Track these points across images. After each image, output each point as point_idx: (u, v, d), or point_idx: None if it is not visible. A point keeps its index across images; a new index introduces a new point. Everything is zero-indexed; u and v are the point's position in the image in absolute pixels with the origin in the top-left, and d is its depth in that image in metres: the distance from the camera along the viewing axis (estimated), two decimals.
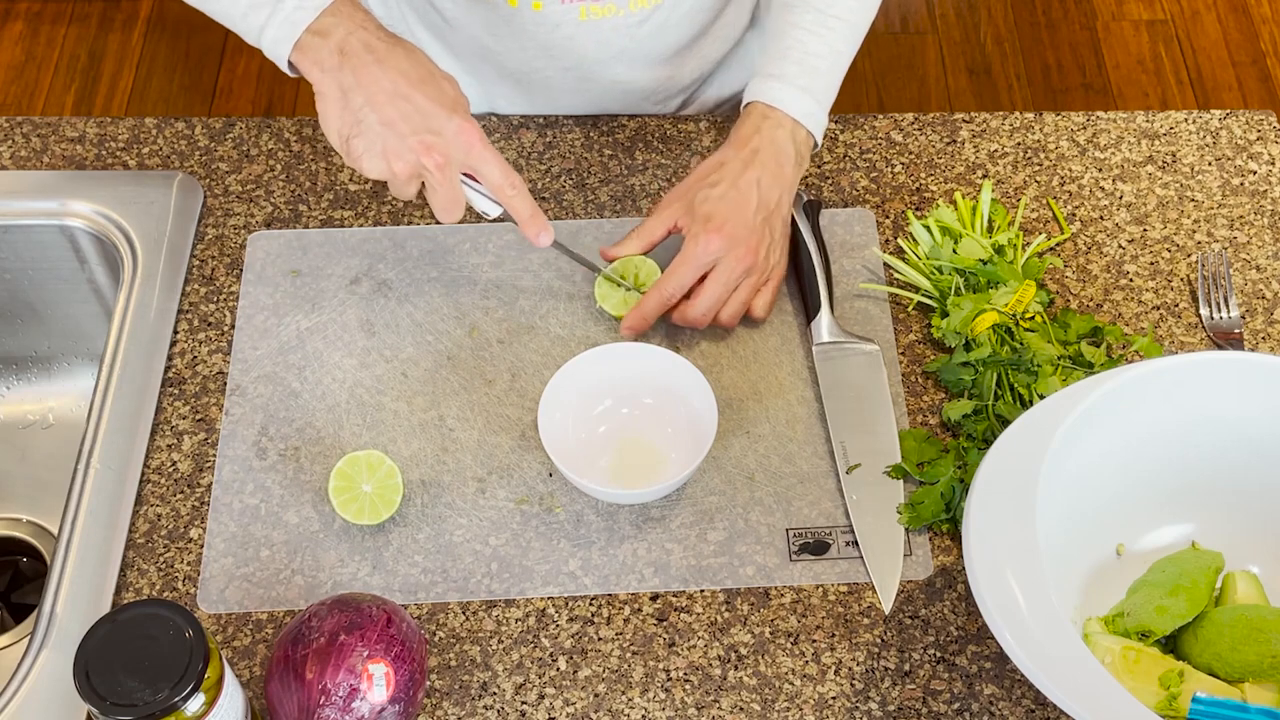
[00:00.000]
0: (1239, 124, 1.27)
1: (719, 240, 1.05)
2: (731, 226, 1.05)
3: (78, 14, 2.65)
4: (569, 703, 0.95)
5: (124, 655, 0.80)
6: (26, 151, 1.22)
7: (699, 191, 1.07)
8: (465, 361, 1.10)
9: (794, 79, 1.10)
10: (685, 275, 1.06)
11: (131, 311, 1.12)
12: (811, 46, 1.11)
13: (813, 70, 1.10)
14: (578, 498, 1.03)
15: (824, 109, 1.12)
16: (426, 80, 0.97)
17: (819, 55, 1.11)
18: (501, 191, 1.01)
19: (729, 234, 1.05)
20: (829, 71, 1.12)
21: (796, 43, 1.11)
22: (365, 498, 1.00)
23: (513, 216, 1.02)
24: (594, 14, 1.15)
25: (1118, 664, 0.90)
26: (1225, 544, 0.97)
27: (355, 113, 0.96)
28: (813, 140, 1.12)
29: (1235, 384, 0.93)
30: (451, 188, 0.99)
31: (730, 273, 1.06)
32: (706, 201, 1.06)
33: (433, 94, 0.97)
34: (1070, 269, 1.17)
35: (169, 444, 1.06)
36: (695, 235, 1.06)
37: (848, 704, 0.95)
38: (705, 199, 1.07)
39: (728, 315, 1.08)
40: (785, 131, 1.09)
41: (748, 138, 1.09)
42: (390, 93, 0.96)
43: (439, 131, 0.96)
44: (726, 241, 1.05)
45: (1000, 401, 1.05)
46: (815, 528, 1.02)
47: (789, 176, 1.09)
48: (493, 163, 0.99)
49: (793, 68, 1.10)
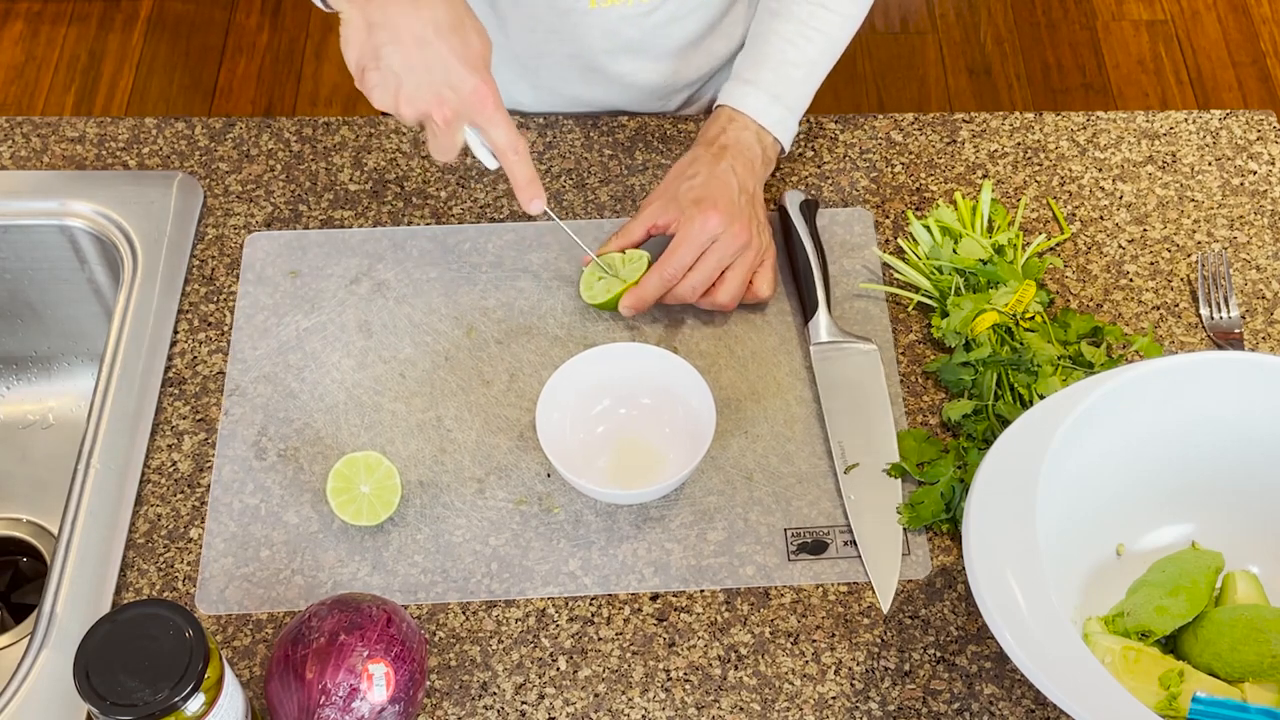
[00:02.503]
0: (1239, 124, 1.27)
1: (716, 217, 1.07)
2: (724, 205, 1.07)
3: (78, 14, 2.65)
4: (569, 703, 0.95)
5: (124, 655, 0.80)
6: (26, 151, 1.22)
7: (679, 185, 1.10)
8: (463, 362, 1.10)
9: (768, 86, 1.13)
10: (685, 254, 1.07)
11: (131, 311, 1.12)
12: (789, 55, 1.14)
13: (787, 79, 1.14)
14: (576, 498, 1.03)
15: (795, 116, 1.15)
16: (455, 30, 0.96)
17: (795, 64, 1.14)
18: (505, 155, 1.01)
19: (724, 211, 1.07)
20: (803, 81, 1.15)
21: (775, 50, 1.14)
22: (364, 499, 1.00)
23: (510, 178, 1.02)
24: (604, 2, 1.15)
25: (1118, 664, 0.90)
26: (1225, 544, 0.97)
27: (377, 48, 0.95)
28: (779, 146, 1.15)
29: (1235, 384, 0.93)
30: (451, 138, 0.99)
31: (726, 248, 1.07)
32: (691, 189, 1.09)
33: (457, 47, 0.95)
34: (1070, 269, 1.17)
35: (169, 444, 1.06)
36: (691, 217, 1.07)
37: (848, 704, 0.95)
38: (690, 188, 1.09)
39: (728, 296, 1.09)
40: (751, 134, 1.13)
41: (715, 137, 1.13)
42: (417, 37, 0.94)
43: (456, 88, 0.96)
44: (723, 218, 1.07)
45: (1000, 401, 1.05)
46: (814, 527, 1.02)
47: (758, 171, 1.12)
48: (501, 125, 0.99)
49: (768, 75, 1.14)
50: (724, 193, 1.08)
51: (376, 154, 1.22)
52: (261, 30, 2.64)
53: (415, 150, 1.23)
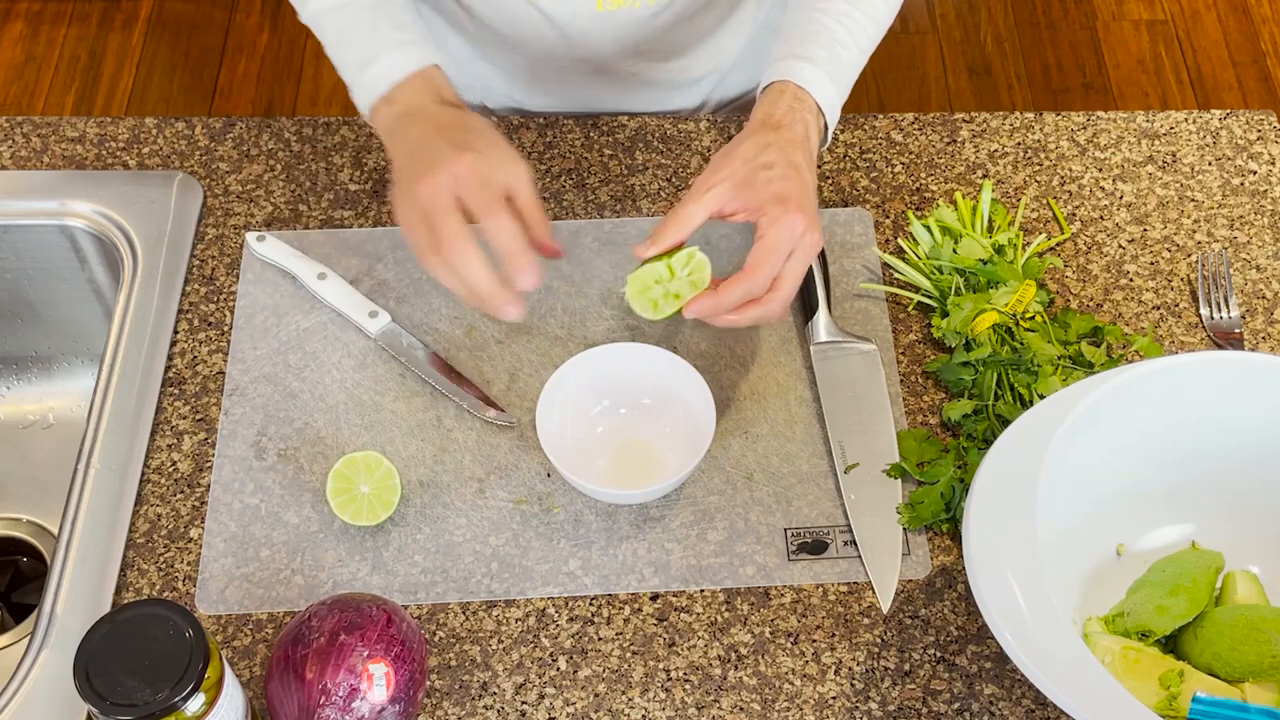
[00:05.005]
0: (1239, 124, 1.27)
1: (802, 220, 0.95)
2: (808, 206, 0.96)
3: (78, 14, 2.65)
4: (569, 703, 0.95)
5: (124, 655, 0.80)
6: (26, 151, 1.22)
7: (756, 173, 0.96)
8: (463, 362, 1.10)
9: (824, 64, 1.03)
10: (776, 262, 0.95)
11: (131, 311, 1.12)
12: (839, 35, 1.05)
13: (838, 59, 1.04)
14: (576, 498, 1.03)
15: (841, 103, 1.06)
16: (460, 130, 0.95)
17: (845, 45, 1.05)
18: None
19: (809, 214, 0.96)
20: (850, 65, 1.06)
21: (824, 29, 1.05)
22: (363, 499, 1.00)
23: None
24: (610, 5, 1.15)
25: (1118, 664, 0.90)
26: (1225, 544, 0.97)
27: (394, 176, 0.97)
28: (825, 136, 1.06)
29: (1235, 384, 0.93)
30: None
31: (809, 257, 0.97)
32: (772, 182, 0.96)
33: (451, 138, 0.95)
34: (1070, 269, 1.17)
35: (169, 444, 1.06)
36: (776, 218, 0.95)
37: (848, 704, 0.95)
38: (770, 179, 0.96)
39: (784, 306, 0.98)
40: (813, 119, 1.02)
41: (783, 119, 1.01)
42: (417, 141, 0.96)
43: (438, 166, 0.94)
44: (809, 220, 0.96)
45: (1000, 401, 1.05)
46: (814, 527, 1.02)
47: (814, 164, 1.02)
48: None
49: (822, 52, 1.04)
50: (804, 191, 0.97)
51: (376, 154, 1.22)
52: (261, 30, 2.64)
53: None
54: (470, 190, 0.92)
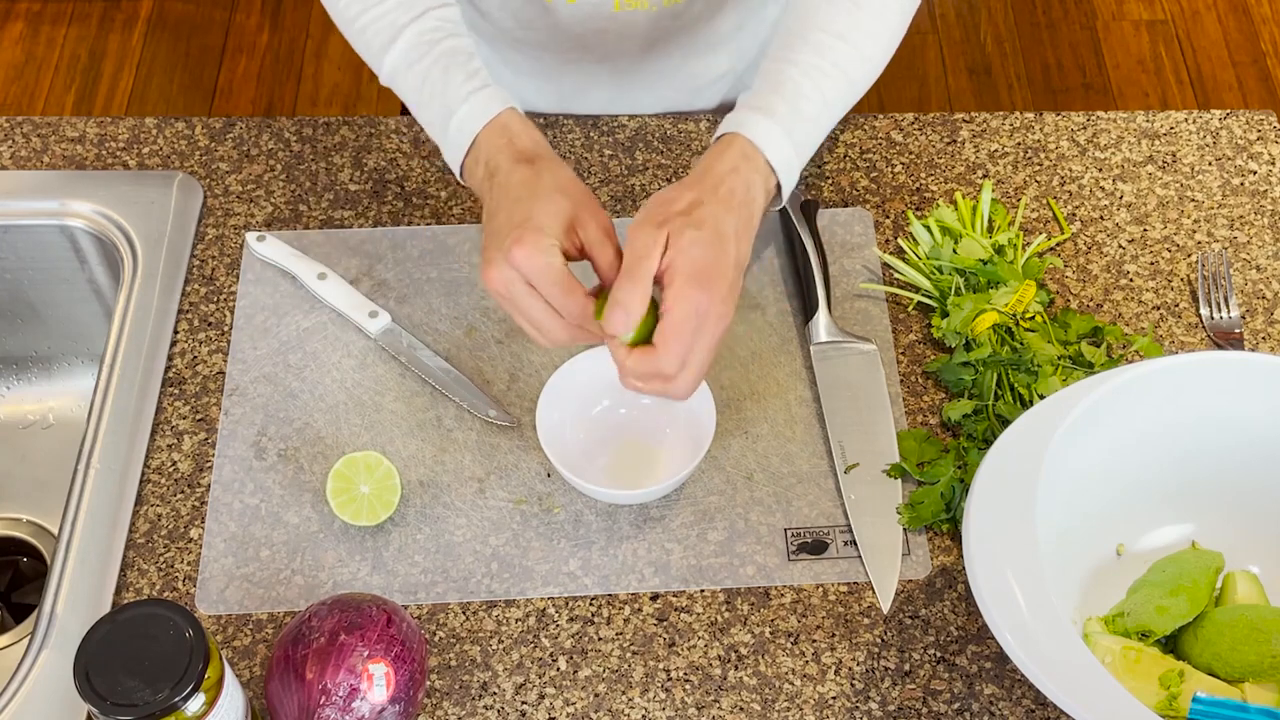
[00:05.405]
0: (1239, 124, 1.27)
1: (707, 299, 0.89)
2: (719, 281, 0.90)
3: (78, 14, 2.65)
4: (569, 703, 0.95)
5: (124, 655, 0.80)
6: (26, 151, 1.22)
7: (684, 231, 0.90)
8: (464, 362, 1.10)
9: (781, 118, 0.97)
10: (684, 345, 0.90)
11: (131, 311, 1.12)
12: (804, 88, 0.98)
13: (798, 113, 0.98)
14: (577, 498, 1.03)
15: (800, 163, 0.99)
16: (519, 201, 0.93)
17: (808, 99, 0.98)
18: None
19: (720, 290, 0.90)
20: (813, 120, 0.99)
21: (788, 80, 0.98)
22: (363, 499, 1.00)
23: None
24: (628, 6, 1.15)
25: (1118, 664, 0.90)
26: (1225, 544, 0.97)
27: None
28: (777, 198, 0.99)
29: (1235, 384, 0.93)
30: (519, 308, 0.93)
31: (714, 338, 0.91)
32: (694, 245, 0.90)
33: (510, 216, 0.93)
34: (1070, 269, 1.17)
35: (169, 444, 1.06)
36: (684, 296, 0.89)
37: (848, 704, 0.95)
38: (693, 242, 0.90)
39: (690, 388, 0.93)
40: (760, 179, 0.96)
41: (724, 176, 0.94)
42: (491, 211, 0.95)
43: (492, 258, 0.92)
44: (718, 296, 0.90)
45: (1000, 401, 1.05)
46: (814, 527, 1.02)
47: (753, 231, 0.95)
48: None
49: (782, 105, 0.97)
50: (721, 261, 0.91)
51: (376, 154, 1.22)
52: (261, 30, 2.64)
53: (415, 150, 1.23)
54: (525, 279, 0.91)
